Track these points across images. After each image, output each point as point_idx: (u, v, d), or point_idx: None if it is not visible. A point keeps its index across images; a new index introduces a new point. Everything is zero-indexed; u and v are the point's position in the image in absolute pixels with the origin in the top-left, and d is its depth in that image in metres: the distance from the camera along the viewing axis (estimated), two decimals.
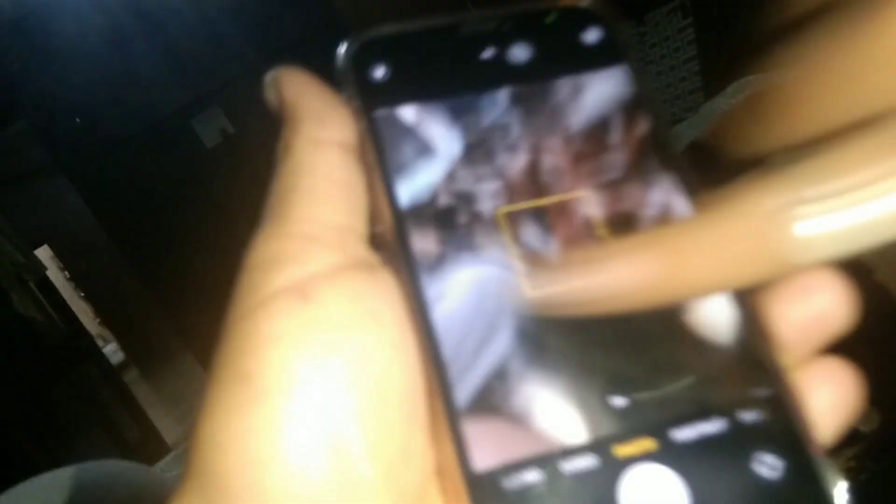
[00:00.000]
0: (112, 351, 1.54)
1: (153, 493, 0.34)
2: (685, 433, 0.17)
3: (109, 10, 1.21)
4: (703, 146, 0.36)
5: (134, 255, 1.80)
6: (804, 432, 0.17)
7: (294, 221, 0.16)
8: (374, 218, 0.18)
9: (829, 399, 0.17)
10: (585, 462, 0.16)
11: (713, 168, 0.22)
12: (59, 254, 1.32)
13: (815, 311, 0.17)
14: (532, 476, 0.16)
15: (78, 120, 1.17)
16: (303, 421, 0.14)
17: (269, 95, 0.19)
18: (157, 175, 1.76)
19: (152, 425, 1.88)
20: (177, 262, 1.76)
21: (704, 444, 0.17)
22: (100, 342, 1.48)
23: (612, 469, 0.16)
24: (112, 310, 1.47)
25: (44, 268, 1.19)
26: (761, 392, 0.17)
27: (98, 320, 1.56)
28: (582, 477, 0.16)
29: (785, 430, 0.17)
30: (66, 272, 1.45)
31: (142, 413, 1.72)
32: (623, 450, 0.16)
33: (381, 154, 0.18)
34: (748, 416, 0.17)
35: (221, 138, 1.77)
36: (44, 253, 1.30)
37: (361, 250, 0.17)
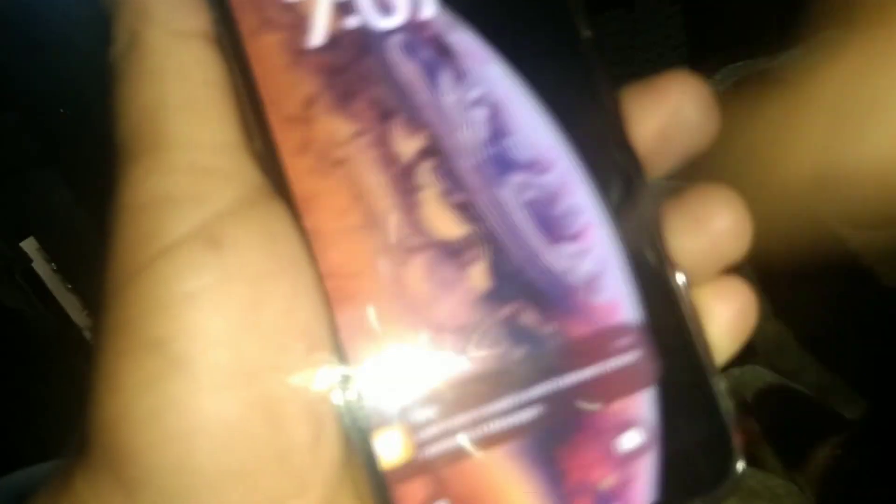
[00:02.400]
0: None
1: None
2: (582, 374, 0.16)
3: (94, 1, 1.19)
4: None
5: None
6: (703, 358, 0.16)
7: (177, 148, 0.14)
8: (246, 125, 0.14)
9: (726, 317, 0.17)
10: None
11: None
12: (45, 246, 1.31)
13: (710, 238, 0.16)
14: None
15: (62, 111, 1.15)
16: (229, 388, 0.13)
17: None
18: None
19: None
20: None
21: (601, 380, 0.16)
22: (88, 334, 1.47)
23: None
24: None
25: (29, 259, 1.18)
26: (659, 321, 0.16)
27: (86, 312, 1.55)
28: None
29: (684, 356, 0.16)
30: (53, 264, 1.44)
31: None
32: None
33: (237, 39, 0.14)
34: (645, 349, 0.16)
35: None
36: (29, 245, 1.29)
37: (255, 173, 0.14)
